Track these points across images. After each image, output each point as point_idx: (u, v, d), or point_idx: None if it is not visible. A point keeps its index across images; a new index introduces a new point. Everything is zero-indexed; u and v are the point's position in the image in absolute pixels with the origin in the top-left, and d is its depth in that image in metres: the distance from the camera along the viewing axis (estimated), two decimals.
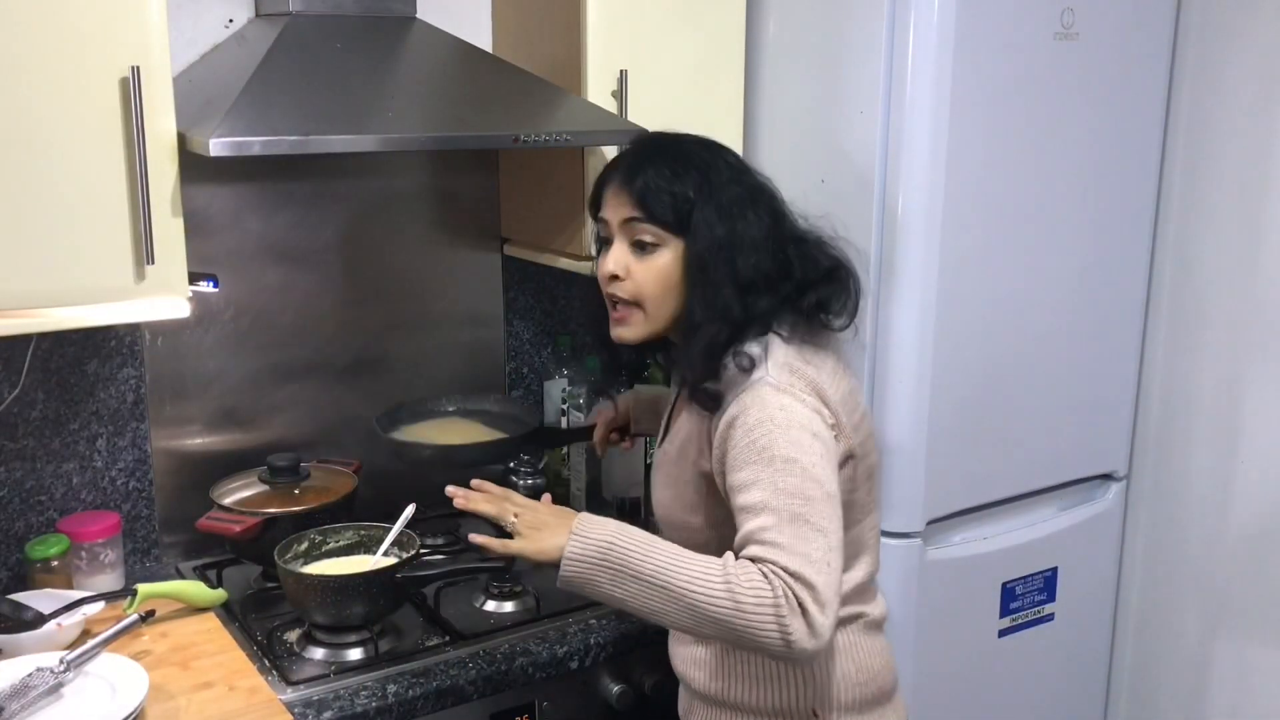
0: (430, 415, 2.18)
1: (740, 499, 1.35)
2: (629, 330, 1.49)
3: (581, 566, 1.35)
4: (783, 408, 1.37)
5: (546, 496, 1.49)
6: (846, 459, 1.45)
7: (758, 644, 1.27)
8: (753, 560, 1.29)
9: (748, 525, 1.32)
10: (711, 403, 1.43)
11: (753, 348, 1.43)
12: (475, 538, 1.45)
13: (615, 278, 1.46)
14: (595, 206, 1.52)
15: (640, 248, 1.45)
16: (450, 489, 1.48)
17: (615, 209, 1.46)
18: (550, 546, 1.37)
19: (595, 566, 1.34)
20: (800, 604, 1.25)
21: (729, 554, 1.33)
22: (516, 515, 1.40)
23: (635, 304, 1.47)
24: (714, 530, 1.47)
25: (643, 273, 1.45)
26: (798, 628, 1.25)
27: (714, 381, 1.43)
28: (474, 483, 1.48)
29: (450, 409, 2.21)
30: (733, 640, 1.32)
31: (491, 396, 2.26)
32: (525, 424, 2.11)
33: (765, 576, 1.27)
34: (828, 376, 1.45)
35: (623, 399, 1.92)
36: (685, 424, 1.52)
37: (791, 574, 1.27)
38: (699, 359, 1.43)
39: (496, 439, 2.07)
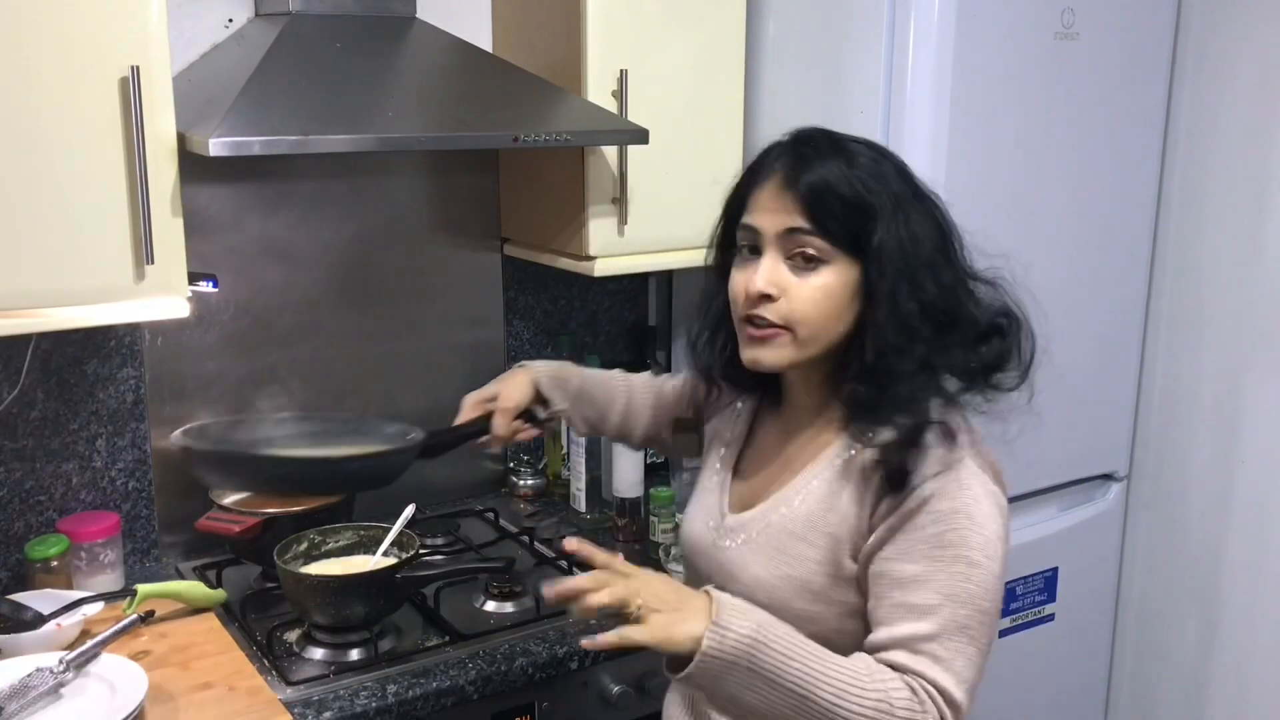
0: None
1: (905, 595, 1.15)
2: (773, 354, 1.23)
3: (716, 664, 1.09)
4: (977, 499, 1.18)
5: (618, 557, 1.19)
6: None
7: None
8: (900, 668, 1.13)
9: (905, 628, 1.14)
10: (899, 478, 1.17)
11: (952, 415, 1.22)
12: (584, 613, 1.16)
13: (767, 297, 1.21)
14: (737, 209, 1.29)
15: (804, 262, 1.20)
16: (570, 543, 1.23)
17: (774, 216, 1.21)
18: (681, 636, 1.10)
19: (730, 666, 1.09)
20: None
21: (869, 660, 1.15)
22: (640, 602, 1.12)
23: (785, 327, 1.22)
24: (843, 622, 1.23)
25: (802, 293, 1.20)
26: None
27: (914, 450, 1.18)
28: (577, 548, 1.22)
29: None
30: None
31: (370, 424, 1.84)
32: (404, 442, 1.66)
33: (915, 693, 1.11)
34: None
35: (516, 378, 1.63)
36: (823, 490, 1.25)
37: (946, 697, 1.12)
38: (901, 418, 1.18)
39: (371, 452, 1.65)
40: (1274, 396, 2.14)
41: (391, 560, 1.76)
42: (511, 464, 2.36)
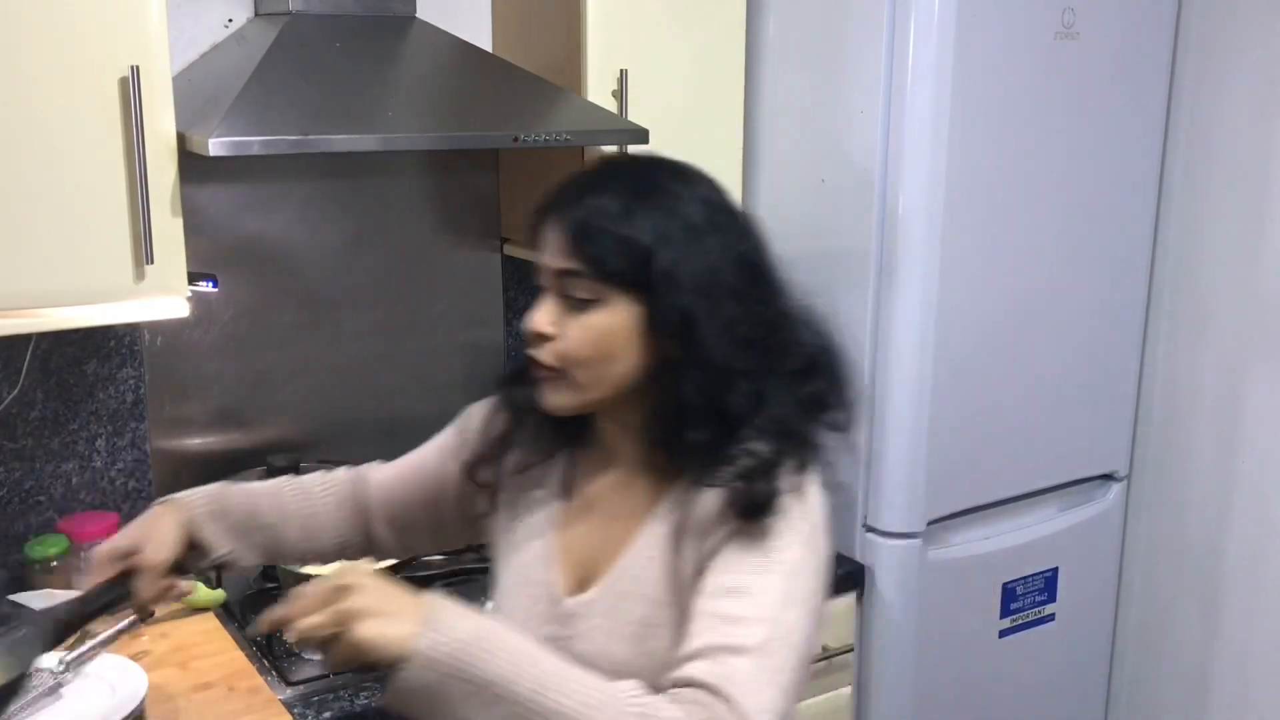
0: None
1: (723, 604, 1.03)
2: (554, 397, 1.13)
3: (429, 672, 0.91)
4: (819, 529, 1.10)
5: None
6: None
7: None
8: (690, 683, 0.97)
9: (713, 635, 1.00)
10: (750, 511, 1.06)
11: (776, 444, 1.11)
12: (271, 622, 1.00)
13: (541, 336, 1.11)
14: (535, 244, 1.15)
15: (577, 302, 1.10)
16: (261, 626, 1.03)
17: (550, 254, 1.11)
18: (389, 638, 0.92)
19: (447, 676, 0.91)
20: None
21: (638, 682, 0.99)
22: (354, 609, 0.93)
23: (561, 369, 1.11)
24: None
25: (573, 333, 1.10)
26: None
27: (768, 481, 1.07)
28: (268, 627, 1.01)
29: None
30: None
31: None
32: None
33: (695, 709, 0.95)
34: None
35: (160, 522, 1.27)
36: (669, 543, 1.12)
37: (737, 713, 0.95)
38: (717, 453, 1.09)
39: None
40: (1274, 396, 2.14)
41: (391, 560, 1.75)
42: None
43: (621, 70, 1.94)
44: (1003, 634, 2.18)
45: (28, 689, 1.41)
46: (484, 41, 2.18)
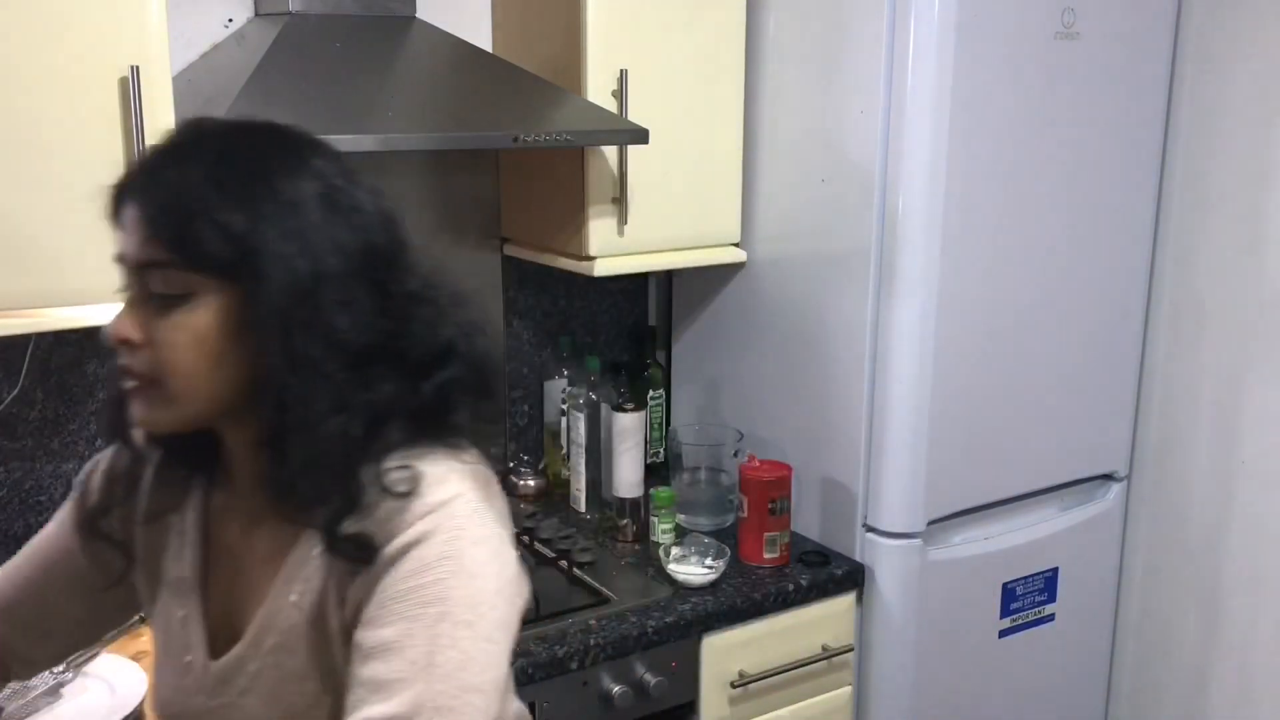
0: None
1: (373, 669, 0.89)
2: (147, 413, 0.96)
3: None
4: (475, 542, 0.93)
5: None
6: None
7: None
8: None
9: (366, 710, 0.88)
10: (362, 552, 0.92)
11: (406, 459, 0.95)
12: None
13: (127, 343, 0.93)
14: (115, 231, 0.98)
15: (163, 298, 0.92)
16: None
17: (128, 242, 0.94)
18: None
19: None
20: None
21: None
22: None
23: (154, 380, 0.93)
24: None
25: (162, 336, 0.92)
26: None
27: (357, 515, 0.93)
28: None
29: None
30: None
31: None
32: None
33: None
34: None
35: None
36: (316, 584, 0.97)
37: None
38: (323, 479, 0.92)
39: None
40: (1274, 396, 2.14)
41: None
42: (511, 464, 2.36)
43: (621, 70, 1.94)
44: (1003, 634, 2.18)
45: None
46: (484, 41, 2.18)
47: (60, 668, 1.52)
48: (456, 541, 0.92)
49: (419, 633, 0.89)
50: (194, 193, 0.90)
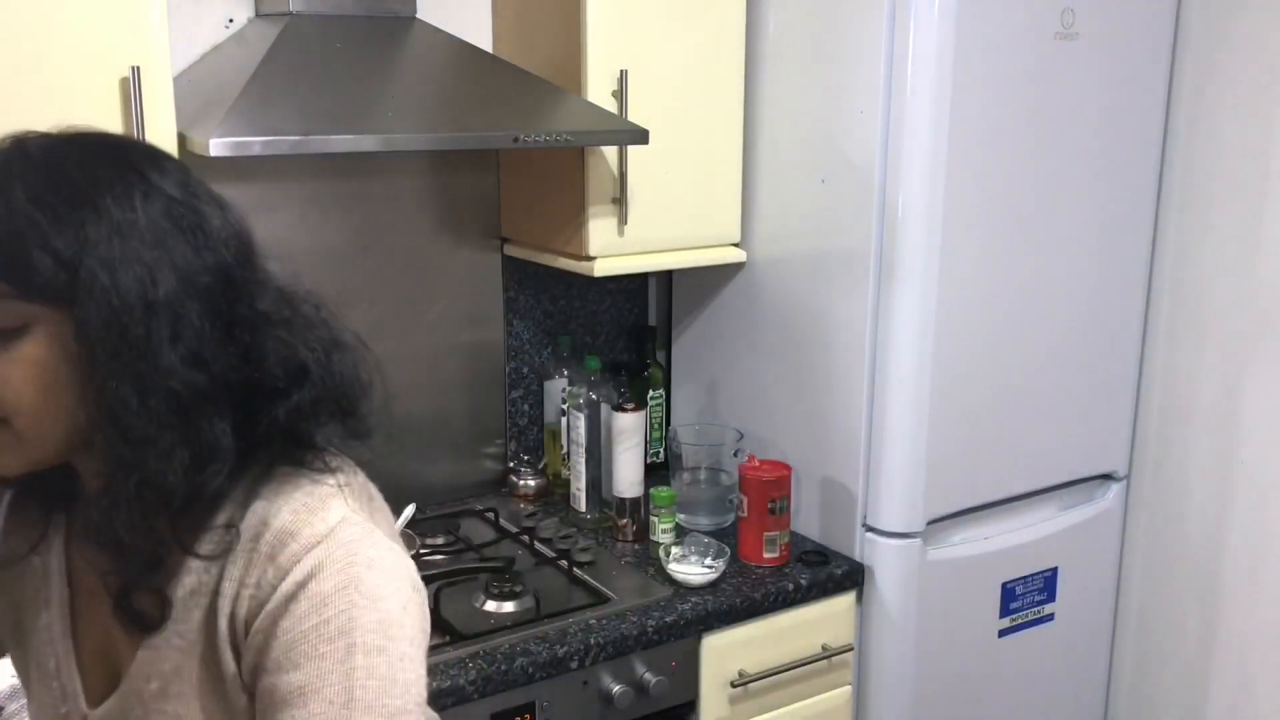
0: None
1: (287, 715, 0.86)
2: (2, 459, 0.89)
3: None
4: (370, 564, 0.89)
5: None
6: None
7: None
8: None
9: None
10: (150, 618, 0.91)
11: (268, 492, 0.92)
12: None
13: None
14: None
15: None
16: None
17: None
18: None
19: None
20: None
21: None
22: None
23: (1, 420, 0.87)
24: None
25: (4, 372, 0.86)
26: None
27: (156, 573, 0.90)
28: None
29: None
30: None
31: None
32: None
33: None
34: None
35: None
36: (197, 621, 0.92)
37: None
38: (122, 528, 0.86)
39: None
40: (1274, 396, 2.14)
41: None
42: (512, 464, 2.36)
43: (621, 70, 1.94)
44: (1002, 634, 2.19)
45: None
46: (484, 41, 2.18)
47: None
48: (350, 569, 0.88)
49: (331, 670, 0.85)
50: (19, 216, 0.84)
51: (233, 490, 0.91)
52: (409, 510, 1.80)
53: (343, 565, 0.88)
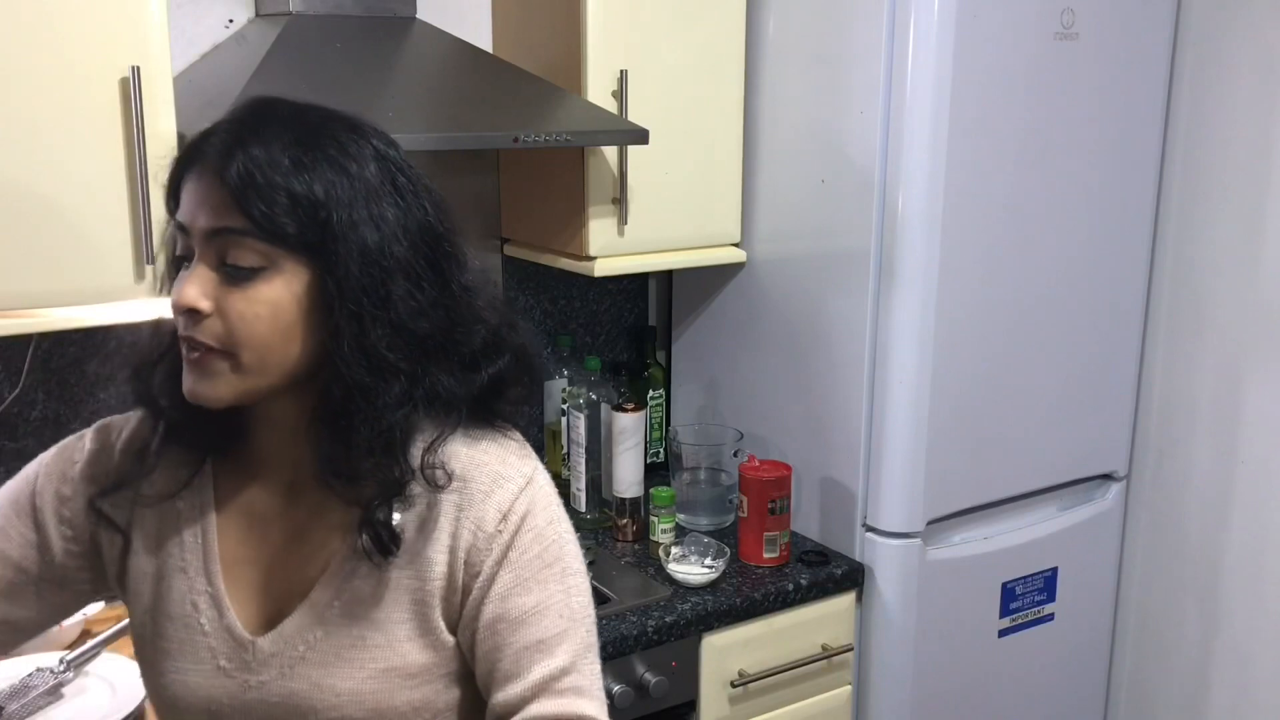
0: None
1: (528, 633, 0.99)
2: (210, 385, 0.95)
3: None
4: (558, 503, 1.06)
5: None
6: None
7: None
8: (547, 719, 0.97)
9: (539, 670, 0.98)
10: (391, 543, 0.99)
11: (465, 443, 1.02)
12: None
13: (195, 312, 0.93)
14: (174, 202, 0.97)
15: (240, 269, 0.93)
16: None
17: (201, 211, 0.93)
18: None
19: None
20: None
21: None
22: None
23: (224, 351, 0.94)
24: (449, 694, 1.04)
25: (237, 307, 0.93)
26: None
27: (400, 502, 0.99)
28: None
29: None
30: None
31: None
32: None
33: None
34: None
35: None
36: (354, 559, 1.01)
37: None
38: (380, 462, 0.96)
39: None
40: (1274, 396, 2.14)
41: None
42: None
43: (621, 70, 1.94)
44: (1002, 633, 2.19)
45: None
46: (484, 41, 2.18)
47: (60, 667, 1.52)
48: (550, 508, 1.04)
49: (554, 591, 1.01)
50: (276, 166, 0.92)
51: (452, 434, 1.01)
52: None
53: (546, 504, 1.03)
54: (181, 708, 1.05)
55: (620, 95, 1.95)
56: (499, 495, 1.01)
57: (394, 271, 0.95)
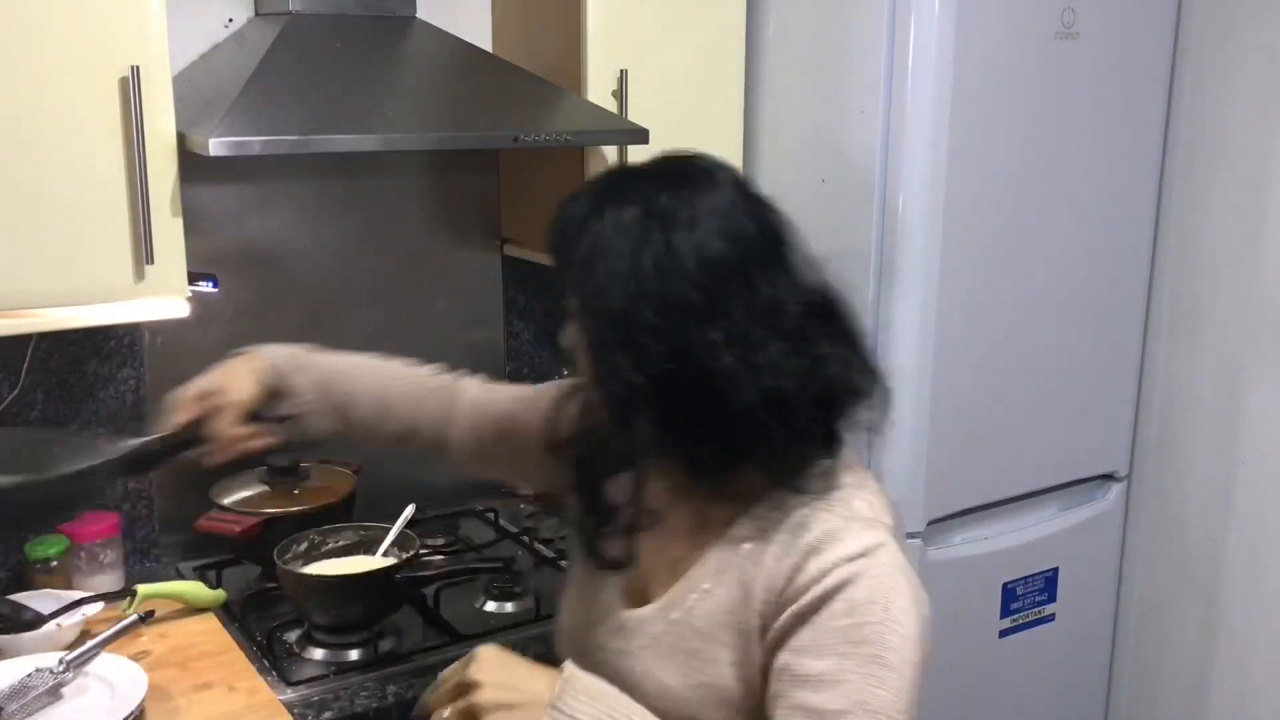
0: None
1: (808, 695, 0.97)
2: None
3: None
4: (899, 590, 1.00)
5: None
6: None
7: None
8: None
9: None
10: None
11: (851, 488, 1.06)
12: None
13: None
14: None
15: None
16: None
17: None
18: None
19: None
20: None
21: None
22: (471, 698, 0.97)
23: None
24: None
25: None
26: None
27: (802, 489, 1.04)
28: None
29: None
30: None
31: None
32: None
33: None
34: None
35: (239, 366, 1.33)
36: (734, 576, 1.05)
37: None
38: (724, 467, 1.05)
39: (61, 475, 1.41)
40: (1274, 396, 2.14)
41: (391, 560, 1.76)
42: None
43: (621, 70, 1.94)
44: (1003, 634, 2.18)
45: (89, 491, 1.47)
46: (484, 41, 2.18)
47: (60, 667, 1.52)
48: (885, 588, 0.99)
49: (853, 670, 0.96)
50: (554, 226, 1.09)
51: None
52: (409, 510, 1.80)
53: (878, 582, 0.99)
54: (565, 639, 1.20)
55: (620, 95, 1.95)
56: (825, 554, 1.00)
57: (613, 322, 1.02)
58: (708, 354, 0.99)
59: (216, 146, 1.49)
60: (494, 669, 0.98)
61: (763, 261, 1.04)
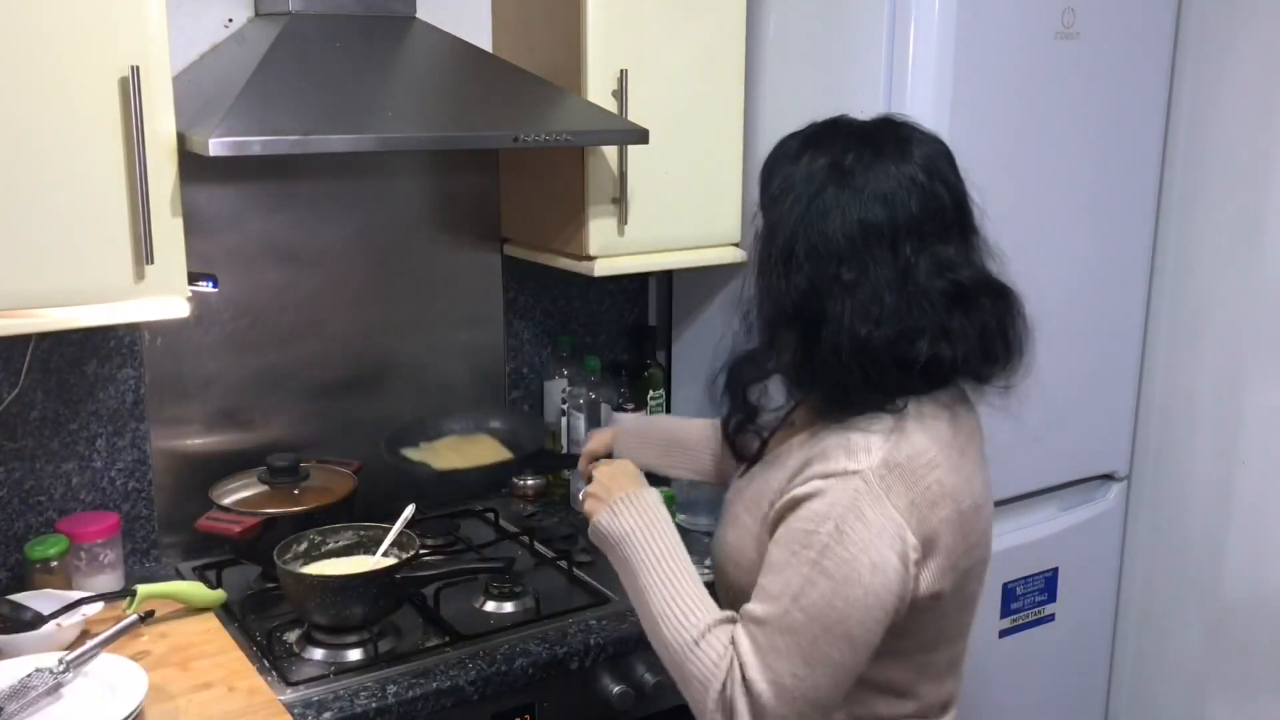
0: (438, 435, 2.09)
1: (763, 577, 1.21)
2: None
3: (598, 538, 1.38)
4: (858, 515, 1.16)
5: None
6: (928, 597, 1.22)
7: (690, 701, 1.26)
8: (732, 642, 1.21)
9: (752, 605, 1.21)
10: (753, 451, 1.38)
11: (869, 423, 1.23)
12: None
13: None
14: None
15: None
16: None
17: None
18: (590, 509, 1.40)
19: (607, 546, 1.37)
20: (733, 716, 1.18)
21: (721, 621, 1.24)
22: (593, 490, 1.42)
23: None
24: None
25: None
26: None
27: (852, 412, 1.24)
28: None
29: (456, 428, 2.12)
30: (675, 677, 1.28)
31: (496, 412, 2.21)
32: (524, 447, 2.06)
33: (720, 661, 1.20)
34: (951, 483, 1.24)
35: (608, 431, 1.82)
36: (776, 465, 1.31)
37: (748, 686, 1.17)
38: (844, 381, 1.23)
39: (493, 464, 2.02)
40: (1274, 396, 2.14)
41: (391, 560, 1.76)
42: None
43: (621, 70, 1.94)
44: (1003, 634, 2.18)
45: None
46: (484, 41, 2.18)
47: (60, 668, 1.52)
48: (839, 509, 1.16)
49: (794, 567, 1.17)
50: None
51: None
52: (409, 510, 1.80)
53: (837, 503, 1.17)
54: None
55: (620, 95, 1.95)
56: (816, 465, 1.21)
57: (774, 260, 1.27)
58: (831, 289, 1.18)
59: (216, 146, 1.49)
60: (607, 472, 1.42)
61: (916, 233, 1.21)
